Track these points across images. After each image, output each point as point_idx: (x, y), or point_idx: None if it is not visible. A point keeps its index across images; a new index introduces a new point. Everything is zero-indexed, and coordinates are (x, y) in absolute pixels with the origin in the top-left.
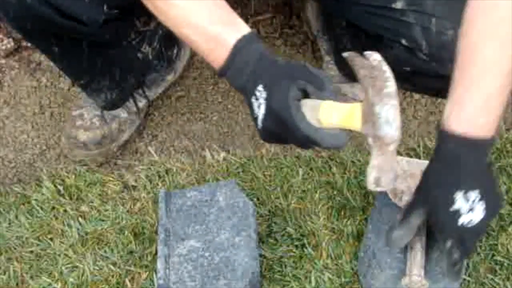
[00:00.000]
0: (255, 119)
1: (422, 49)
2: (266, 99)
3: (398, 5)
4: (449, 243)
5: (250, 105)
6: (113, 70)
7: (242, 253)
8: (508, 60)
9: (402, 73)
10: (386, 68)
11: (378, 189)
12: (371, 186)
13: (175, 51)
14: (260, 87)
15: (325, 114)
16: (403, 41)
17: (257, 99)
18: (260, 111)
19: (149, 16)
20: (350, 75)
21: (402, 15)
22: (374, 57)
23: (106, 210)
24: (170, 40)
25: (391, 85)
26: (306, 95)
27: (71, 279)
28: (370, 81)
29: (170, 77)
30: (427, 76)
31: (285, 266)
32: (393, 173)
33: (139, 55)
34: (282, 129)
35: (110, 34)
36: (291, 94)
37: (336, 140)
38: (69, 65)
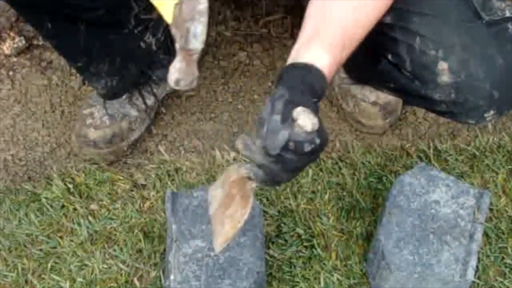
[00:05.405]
0: None
1: (406, 67)
2: None
3: (387, 19)
4: None
5: None
6: (113, 55)
7: (248, 253)
8: (349, 15)
9: (392, 89)
10: None
11: (177, 88)
12: (172, 84)
13: None
14: None
15: None
16: (389, 57)
17: None
18: None
19: (148, 2)
20: (358, 79)
21: (390, 30)
22: None
23: (116, 209)
24: None
25: (204, 2)
26: None
27: (80, 278)
28: None
29: None
30: (412, 95)
31: (294, 266)
32: (193, 77)
33: (142, 44)
34: None
35: (104, 12)
36: None
37: None
38: (63, 44)
